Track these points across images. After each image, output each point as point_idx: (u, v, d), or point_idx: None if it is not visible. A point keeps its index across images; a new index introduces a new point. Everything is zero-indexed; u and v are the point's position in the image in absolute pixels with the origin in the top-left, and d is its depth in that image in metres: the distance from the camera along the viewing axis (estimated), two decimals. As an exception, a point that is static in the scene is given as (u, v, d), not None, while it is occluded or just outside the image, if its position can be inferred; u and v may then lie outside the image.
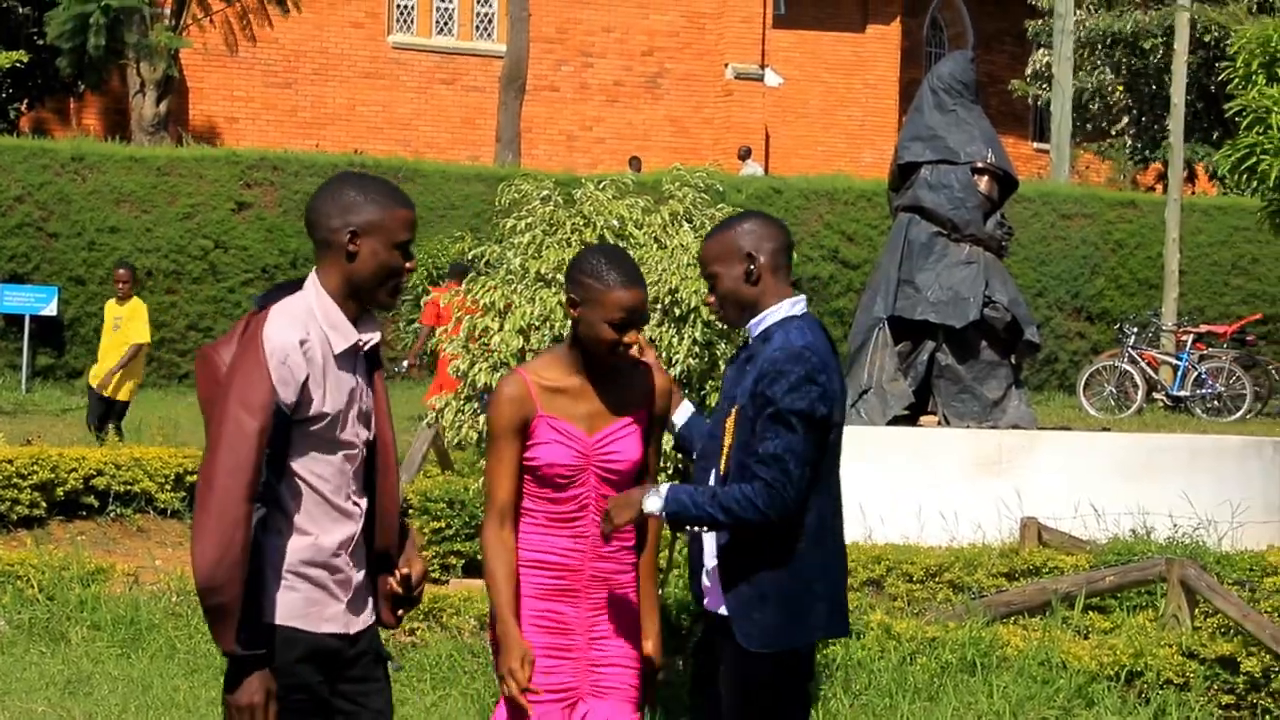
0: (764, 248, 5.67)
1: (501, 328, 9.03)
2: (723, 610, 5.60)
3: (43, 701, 9.95)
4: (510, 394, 5.50)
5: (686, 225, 9.02)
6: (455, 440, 9.76)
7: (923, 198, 15.76)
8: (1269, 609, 11.99)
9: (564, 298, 5.64)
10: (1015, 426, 15.59)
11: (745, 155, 37.57)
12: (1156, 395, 27.03)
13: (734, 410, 5.56)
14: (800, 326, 5.64)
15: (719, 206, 9.17)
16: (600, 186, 9.14)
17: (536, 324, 8.85)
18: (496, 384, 5.43)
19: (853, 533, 13.69)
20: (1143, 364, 26.89)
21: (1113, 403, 26.27)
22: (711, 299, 5.72)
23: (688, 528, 5.58)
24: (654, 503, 5.47)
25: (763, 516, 5.44)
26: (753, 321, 5.69)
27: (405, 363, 23.61)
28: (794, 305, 5.70)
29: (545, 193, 9.10)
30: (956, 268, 15.60)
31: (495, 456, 5.47)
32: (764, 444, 5.47)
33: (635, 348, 5.54)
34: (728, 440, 5.57)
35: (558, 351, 5.62)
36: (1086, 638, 11.10)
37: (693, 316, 8.77)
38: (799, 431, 5.43)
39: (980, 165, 15.76)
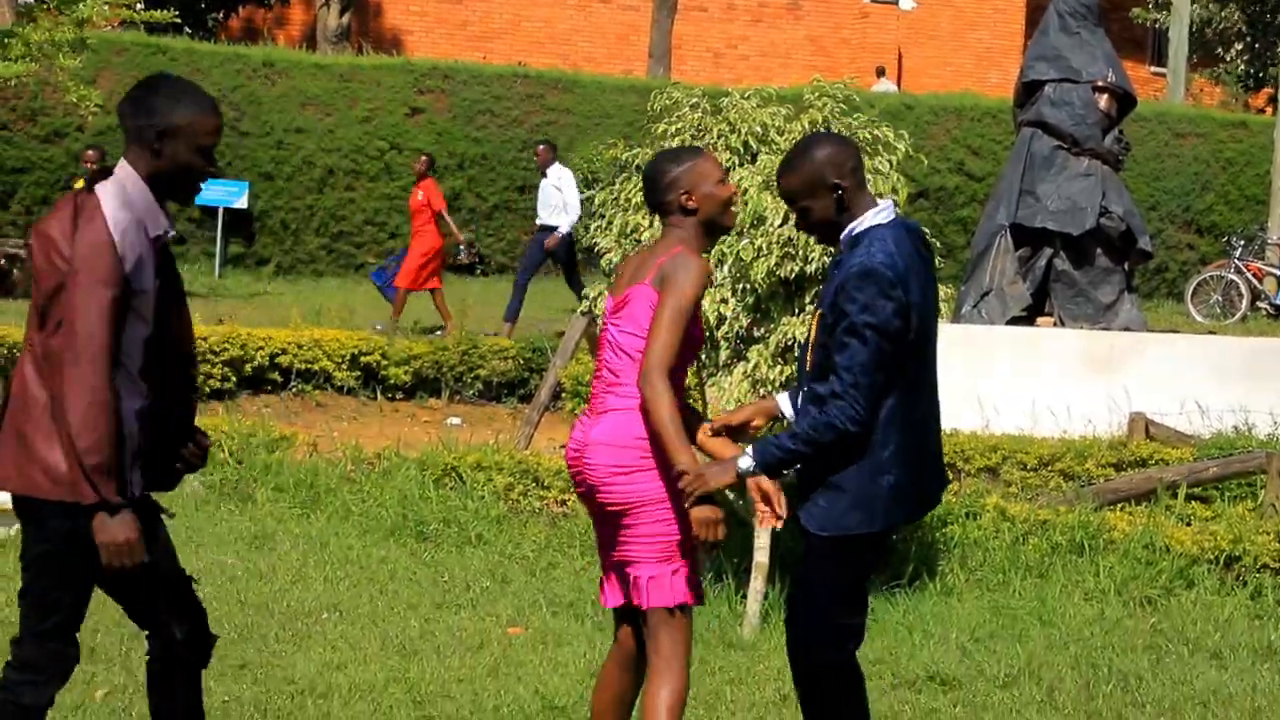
0: (845, 171, 5.56)
1: (650, 224, 9.02)
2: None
3: (232, 554, 10.12)
4: (706, 272, 5.45)
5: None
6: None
7: (1046, 114, 15.60)
8: (1361, 503, 11.85)
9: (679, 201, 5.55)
10: (1126, 329, 15.46)
11: (880, 73, 37.29)
12: (1260, 304, 26.62)
13: (817, 314, 5.52)
14: (883, 236, 5.49)
15: (855, 116, 9.10)
16: (745, 96, 9.09)
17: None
18: (695, 262, 5.35)
19: (970, 423, 13.68)
20: (1248, 274, 26.49)
21: (1218, 310, 25.92)
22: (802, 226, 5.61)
23: (784, 473, 5.53)
24: (746, 463, 5.42)
25: (841, 434, 5.39)
26: (843, 234, 5.60)
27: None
28: (878, 214, 5.56)
29: (694, 100, 9.06)
30: (1075, 179, 15.45)
31: (681, 323, 5.34)
32: (840, 354, 5.40)
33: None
34: (811, 338, 5.55)
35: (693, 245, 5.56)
36: (1189, 524, 11.01)
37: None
38: (870, 345, 5.33)
39: (1101, 84, 15.57)
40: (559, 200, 20.60)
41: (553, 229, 20.61)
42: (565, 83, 27.62)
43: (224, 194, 24.50)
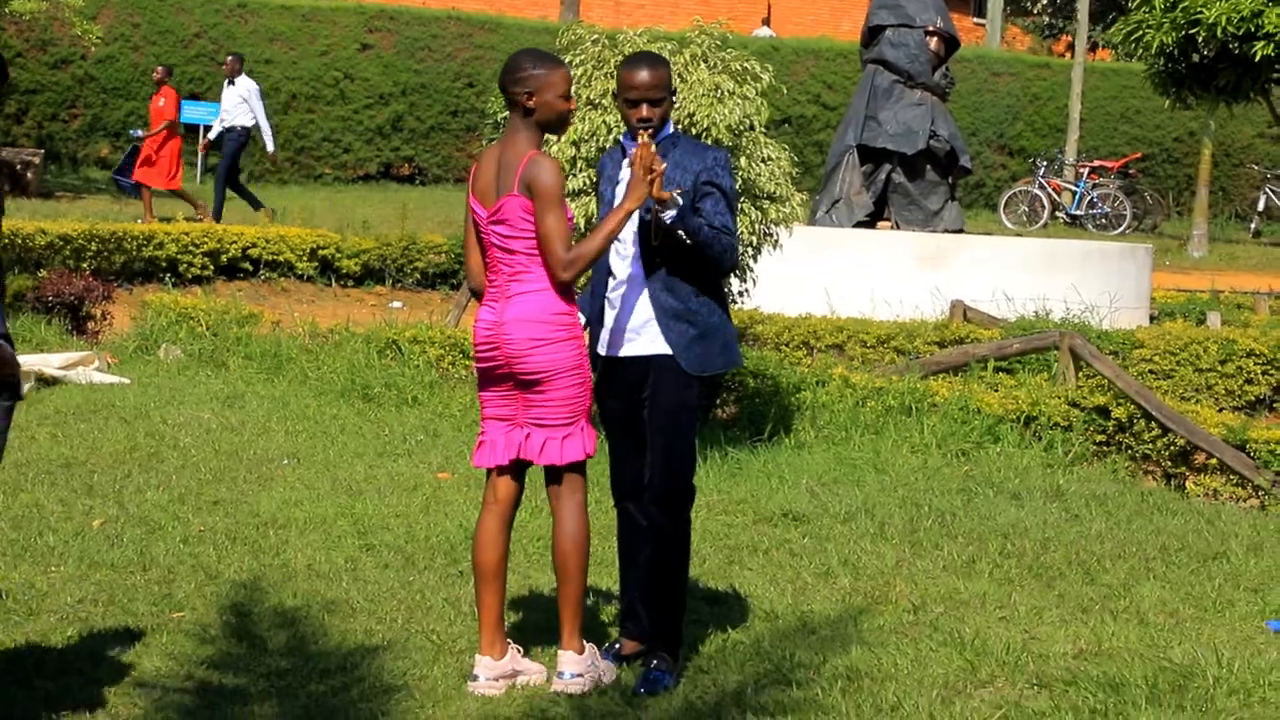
0: (670, 91, 5.58)
1: (558, 140, 8.89)
2: (658, 350, 5.48)
3: (208, 410, 10.00)
4: (560, 168, 5.32)
5: (703, 65, 8.84)
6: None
7: (886, 53, 15.52)
8: (1135, 373, 11.97)
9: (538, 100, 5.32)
10: (949, 231, 15.48)
11: (765, 22, 37.21)
12: (1059, 214, 26.82)
13: (675, 191, 5.45)
14: (694, 140, 5.67)
15: (729, 50, 9.00)
16: (638, 34, 8.96)
17: (585, 138, 8.72)
18: (548, 163, 5.19)
19: (821, 309, 13.69)
20: (1049, 189, 26.65)
21: (1025, 219, 26.08)
22: (653, 112, 5.45)
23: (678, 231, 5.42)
24: (670, 214, 5.38)
25: (731, 262, 5.45)
26: (665, 129, 5.56)
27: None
28: (673, 123, 5.71)
29: (595, 37, 8.92)
30: (910, 108, 15.40)
31: (562, 215, 5.21)
32: (723, 213, 5.45)
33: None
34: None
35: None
36: (996, 390, 11.07)
37: (704, 135, 8.62)
38: (735, 211, 5.48)
39: (932, 29, 15.50)
40: (245, 109, 19.52)
41: (236, 131, 19.53)
42: (491, 24, 27.32)
43: (204, 114, 24.01)
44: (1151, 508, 8.69)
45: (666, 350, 5.47)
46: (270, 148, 20.05)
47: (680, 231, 5.38)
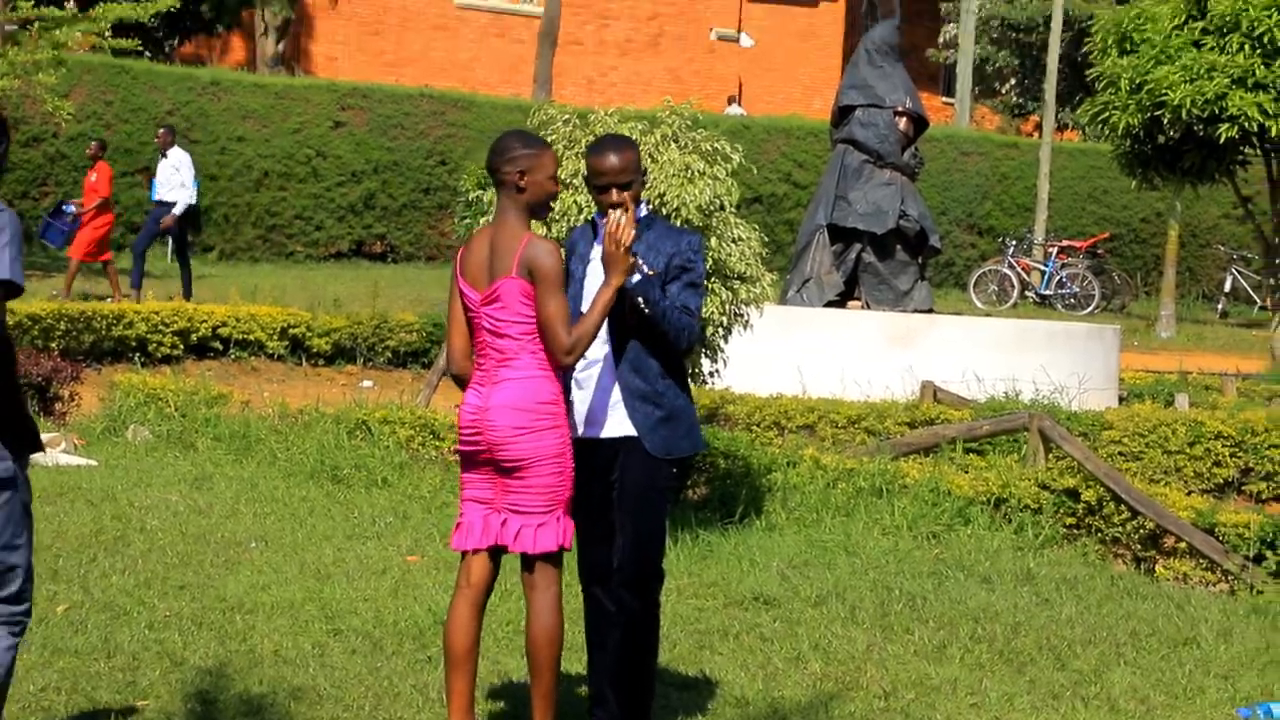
0: (641, 174, 5.62)
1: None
2: (626, 432, 5.49)
3: (175, 492, 9.93)
4: (559, 249, 5.32)
5: (673, 145, 8.88)
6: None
7: (856, 133, 15.63)
8: (1104, 455, 12.00)
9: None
10: (919, 310, 15.54)
11: (732, 100, 37.43)
12: (1028, 293, 26.97)
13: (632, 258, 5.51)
14: (668, 223, 5.76)
15: (700, 131, 9.05)
16: (609, 113, 9.00)
17: (556, 218, 8.74)
18: (547, 245, 5.20)
19: (792, 389, 13.70)
20: (1018, 269, 26.83)
21: (995, 298, 26.23)
22: (622, 196, 5.48)
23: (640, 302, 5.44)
24: (636, 277, 5.40)
25: (688, 341, 5.47)
26: (639, 212, 5.59)
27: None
28: (646, 204, 5.72)
29: (567, 116, 8.96)
30: (880, 187, 15.49)
31: (563, 297, 5.22)
32: (691, 296, 5.51)
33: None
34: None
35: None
36: (967, 472, 11.08)
37: (674, 217, 8.65)
38: (704, 294, 5.56)
39: (901, 109, 15.62)
40: (177, 180, 19.60)
41: (170, 205, 19.53)
42: (463, 102, 27.43)
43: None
44: (1122, 592, 8.69)
45: (633, 432, 5.48)
46: (175, 213, 19.63)
47: (639, 299, 5.40)
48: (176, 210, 19.59)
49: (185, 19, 32.81)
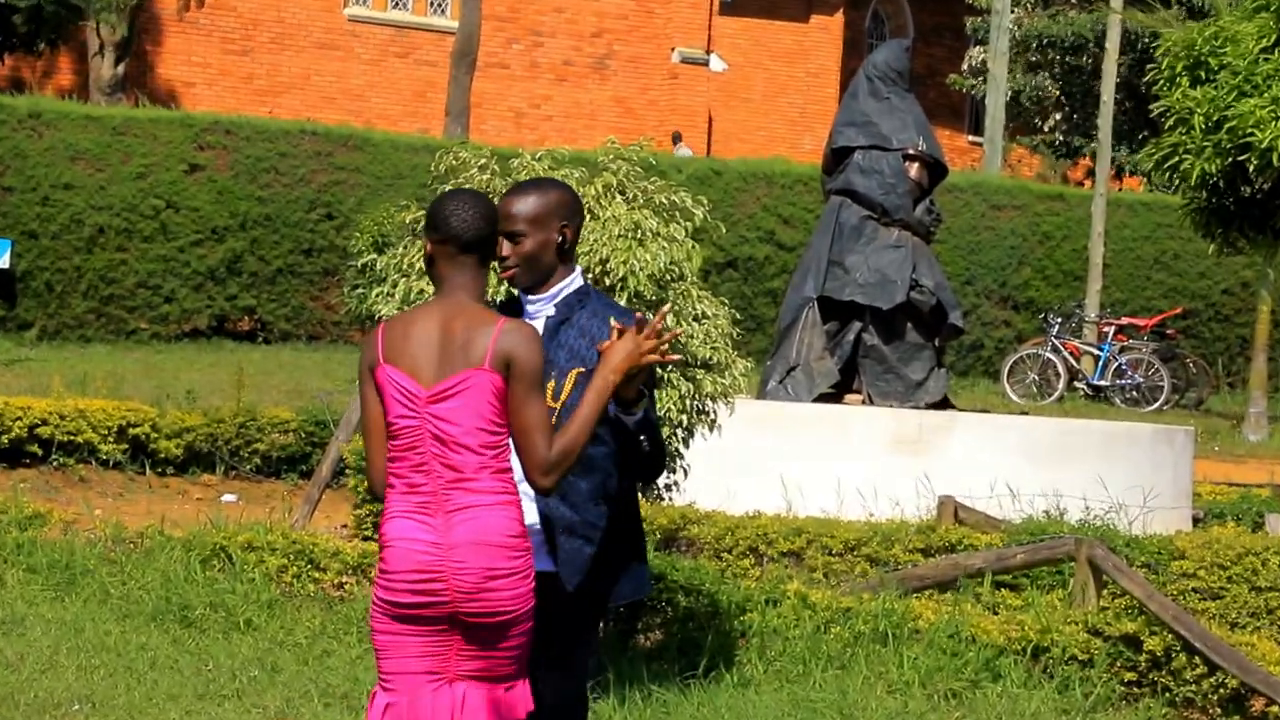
0: (574, 217, 5.67)
1: (437, 291, 8.97)
2: (544, 567, 5.47)
3: (-24, 641, 9.87)
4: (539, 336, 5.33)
5: (620, 197, 8.99)
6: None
7: (854, 182, 15.75)
8: (1174, 591, 12.04)
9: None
10: (935, 406, 15.61)
11: (677, 139, 37.59)
12: (1078, 384, 27.14)
13: (573, 373, 5.52)
14: (608, 299, 5.76)
15: (653, 180, 9.15)
16: (537, 158, 9.10)
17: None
18: (529, 330, 5.23)
19: (774, 505, 13.73)
20: (1065, 353, 27.00)
21: (1035, 390, 26.37)
22: (513, 251, 5.57)
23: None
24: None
25: (663, 468, 5.54)
26: (558, 285, 5.65)
27: None
28: (579, 275, 5.74)
29: (483, 161, 9.06)
30: (885, 251, 15.60)
31: (544, 398, 5.24)
32: (646, 408, 5.52)
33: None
34: (562, 399, 5.53)
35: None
36: (996, 613, 11.11)
37: (620, 287, 8.73)
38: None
39: (911, 152, 15.76)
40: None
41: None
42: (356, 140, 27.54)
43: (-15, 252, 24.07)
44: (1194, 765, 8.73)
45: (551, 568, 5.50)
46: None
47: (642, 438, 5.45)
48: None
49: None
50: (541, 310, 5.63)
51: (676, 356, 5.35)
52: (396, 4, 39.35)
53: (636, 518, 5.69)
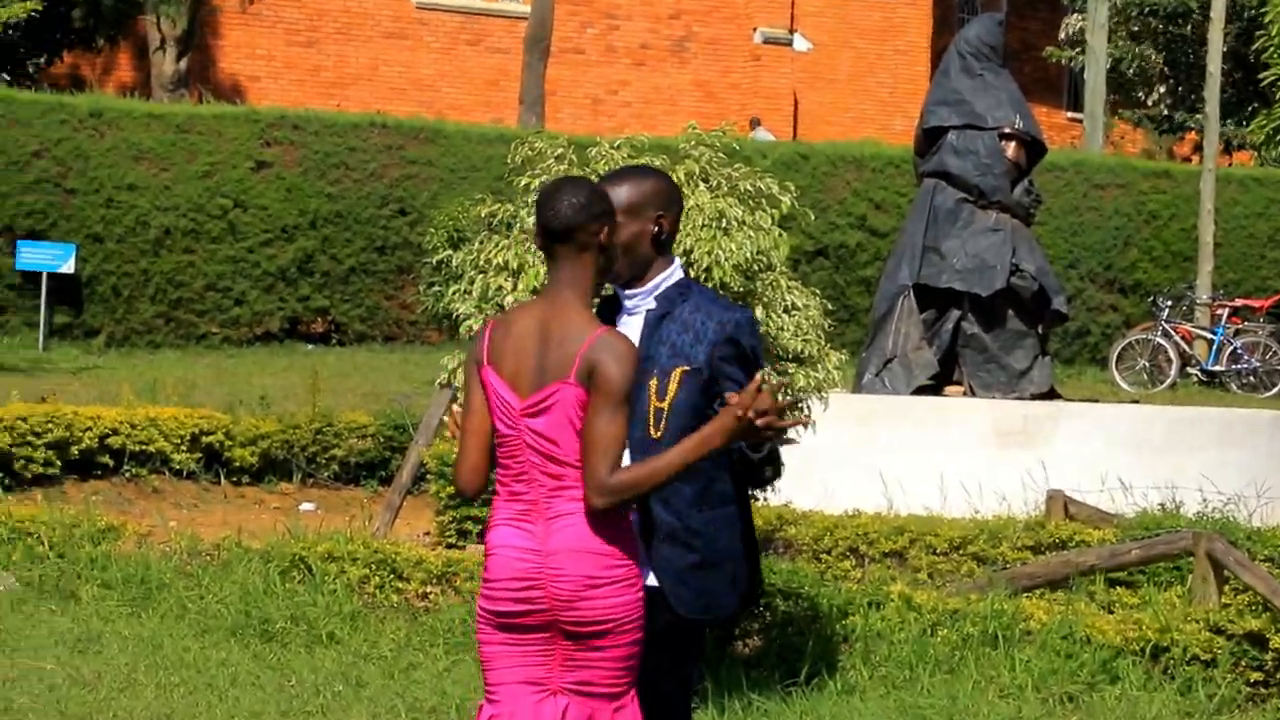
0: (673, 206, 5.66)
1: (515, 287, 9.00)
2: (648, 581, 5.42)
3: (52, 659, 9.96)
4: (636, 354, 5.27)
5: (703, 185, 8.98)
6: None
7: (948, 163, 15.71)
8: (1298, 585, 11.95)
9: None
10: (1040, 396, 15.55)
11: (755, 124, 37.49)
12: (1191, 370, 26.95)
13: (677, 370, 5.49)
14: (711, 293, 5.71)
15: (736, 166, 9.14)
16: (615, 146, 9.10)
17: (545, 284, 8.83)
18: (623, 346, 5.18)
19: (874, 503, 13.72)
20: (1176, 338, 26.81)
21: (1145, 377, 26.19)
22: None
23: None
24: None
25: (778, 475, 5.51)
26: (657, 278, 5.63)
27: None
28: (679, 268, 5.71)
29: (559, 151, 9.07)
30: (982, 235, 15.56)
31: (623, 419, 5.18)
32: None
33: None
34: (668, 399, 5.48)
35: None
36: (1112, 612, 11.06)
37: (704, 278, 8.73)
38: None
39: (1008, 130, 15.72)
40: None
41: None
42: (428, 132, 27.61)
43: (48, 258, 24.26)
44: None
45: (652, 581, 5.47)
46: None
47: (767, 469, 5.46)
48: None
49: (54, 30, 33.18)
50: (640, 305, 5.62)
51: (793, 438, 5.27)
52: (467, -11, 39.45)
53: (748, 523, 5.66)
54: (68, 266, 24.49)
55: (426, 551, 11.91)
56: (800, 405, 5.31)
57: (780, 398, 5.24)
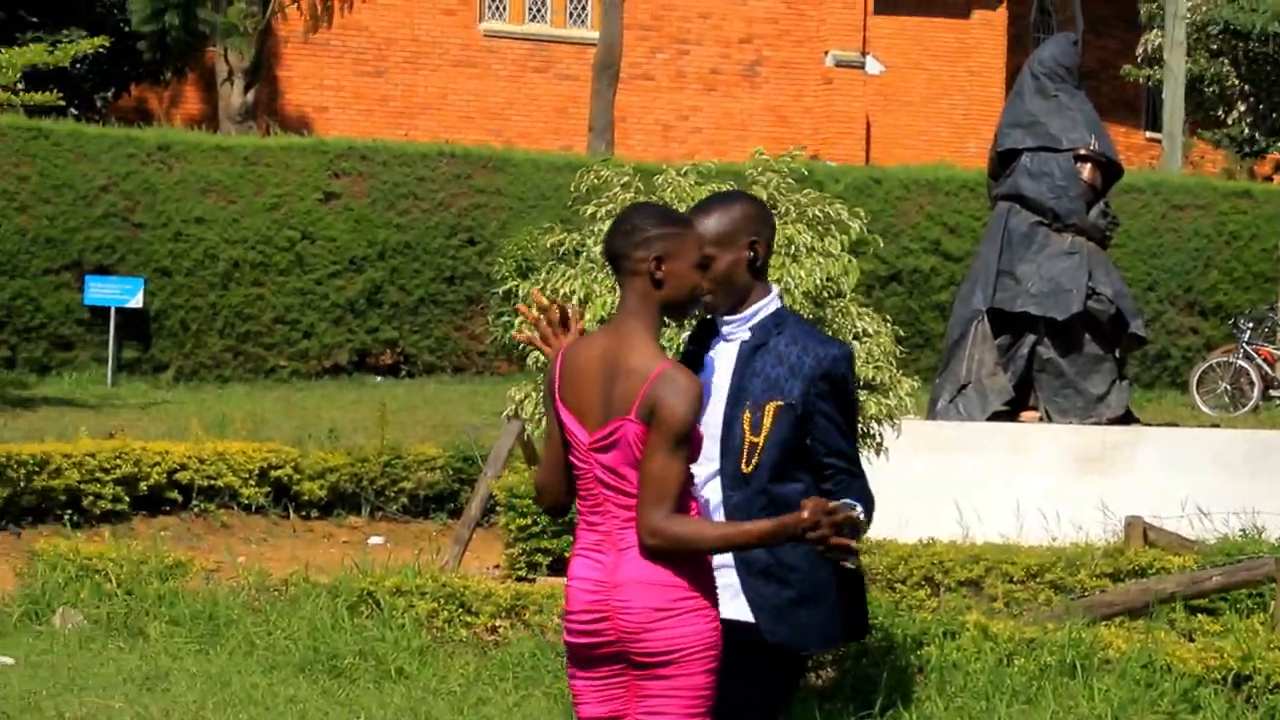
0: (766, 231, 5.63)
1: (582, 317, 9.00)
2: (737, 616, 5.43)
3: (120, 697, 10.01)
4: (699, 393, 5.21)
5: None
6: (537, 433, 9.76)
7: (1023, 186, 15.68)
8: (1383, 612, 11.86)
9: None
10: (1118, 421, 15.49)
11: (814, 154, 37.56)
12: (1274, 393, 26.76)
13: (771, 405, 5.46)
14: (808, 324, 5.68)
15: (805, 192, 9.14)
16: (682, 173, 9.12)
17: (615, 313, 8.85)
18: (685, 382, 5.14)
19: (949, 531, 13.69)
20: (1259, 360, 26.63)
21: (1227, 400, 26.03)
22: (706, 282, 5.42)
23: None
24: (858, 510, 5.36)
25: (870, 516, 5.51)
26: (753, 307, 5.59)
27: None
28: (776, 296, 5.66)
29: (625, 179, 9.09)
30: (1058, 258, 15.52)
31: (680, 458, 5.15)
32: (846, 441, 5.51)
33: None
34: (763, 434, 5.46)
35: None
36: (1193, 640, 10.99)
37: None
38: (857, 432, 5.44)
39: (1083, 152, 15.68)
40: None
41: None
42: (496, 161, 27.71)
43: (116, 292, 24.44)
44: None
45: (747, 616, 5.44)
46: None
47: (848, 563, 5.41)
48: None
49: (121, 63, 33.45)
50: (736, 333, 5.58)
51: (849, 565, 5.20)
52: (534, 16, 39.56)
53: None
54: (136, 301, 24.66)
55: (496, 585, 11.93)
56: (858, 537, 5.20)
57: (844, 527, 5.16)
